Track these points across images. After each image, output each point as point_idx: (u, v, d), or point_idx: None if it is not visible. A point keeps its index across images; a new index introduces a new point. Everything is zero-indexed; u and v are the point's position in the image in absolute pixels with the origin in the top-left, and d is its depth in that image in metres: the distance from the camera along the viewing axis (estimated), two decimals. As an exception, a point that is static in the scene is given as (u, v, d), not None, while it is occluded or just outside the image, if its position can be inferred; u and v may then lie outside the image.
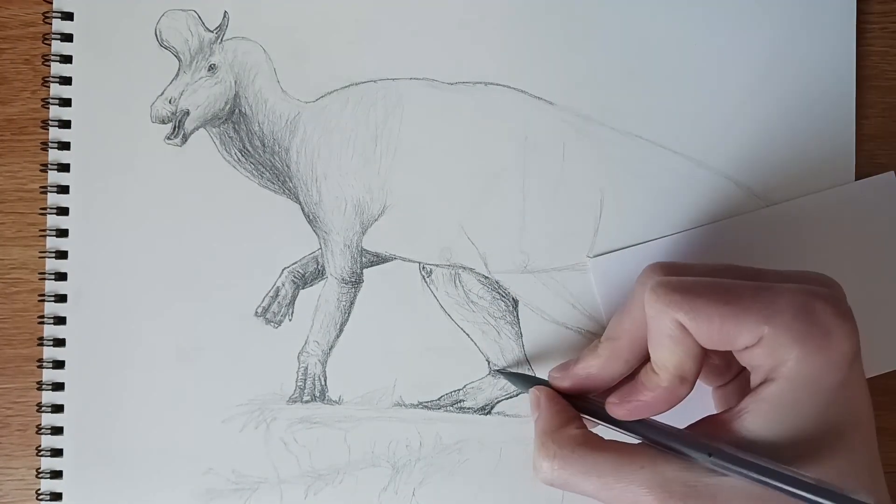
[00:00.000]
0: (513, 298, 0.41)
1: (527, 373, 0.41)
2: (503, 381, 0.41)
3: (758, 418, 0.30)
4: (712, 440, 0.30)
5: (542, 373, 0.41)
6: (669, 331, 0.31)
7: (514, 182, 0.41)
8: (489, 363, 0.41)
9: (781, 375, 0.30)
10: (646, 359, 0.33)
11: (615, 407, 0.33)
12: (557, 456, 0.33)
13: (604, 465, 0.32)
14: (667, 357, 0.31)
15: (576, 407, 0.35)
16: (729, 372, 0.36)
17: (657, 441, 0.32)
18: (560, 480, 0.33)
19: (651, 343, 0.32)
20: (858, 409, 0.31)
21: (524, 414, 0.41)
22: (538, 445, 0.34)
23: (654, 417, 0.33)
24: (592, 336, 0.41)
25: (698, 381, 0.32)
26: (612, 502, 0.32)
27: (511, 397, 0.41)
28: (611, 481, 0.31)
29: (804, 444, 0.30)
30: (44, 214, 0.42)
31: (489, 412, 0.41)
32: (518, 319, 0.41)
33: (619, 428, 0.33)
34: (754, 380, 0.31)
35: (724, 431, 0.31)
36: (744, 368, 0.33)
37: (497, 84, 0.41)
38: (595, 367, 0.34)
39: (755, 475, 0.29)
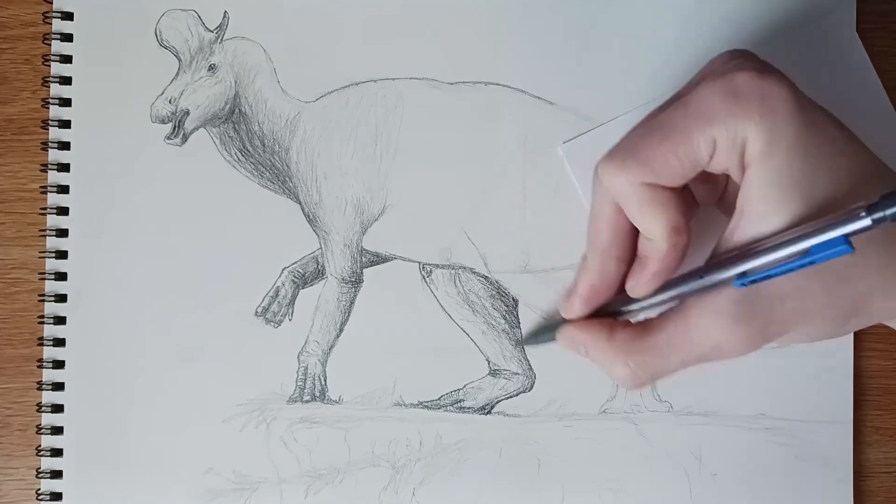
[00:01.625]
0: (513, 298, 0.41)
1: (539, 326, 0.39)
2: (503, 381, 0.41)
3: (755, 209, 0.30)
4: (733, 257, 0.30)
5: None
6: (639, 196, 0.30)
7: (514, 182, 0.41)
8: (489, 363, 0.41)
9: (751, 159, 0.29)
10: (634, 245, 0.33)
11: (636, 289, 0.33)
12: (628, 360, 0.32)
13: (669, 337, 0.31)
14: (652, 222, 0.31)
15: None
16: (718, 185, 0.36)
17: (687, 292, 0.32)
18: (646, 376, 0.32)
19: (633, 220, 0.31)
20: (842, 149, 0.30)
21: (525, 414, 0.41)
22: (608, 365, 0.33)
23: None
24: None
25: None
26: (699, 361, 0.31)
27: (511, 397, 0.41)
28: (688, 345, 0.31)
29: (814, 207, 0.29)
30: (44, 214, 0.42)
31: (489, 412, 0.41)
32: (518, 319, 0.41)
33: (655, 304, 0.33)
34: (737, 177, 0.31)
35: (740, 241, 0.30)
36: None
37: (497, 84, 0.41)
38: (593, 280, 0.34)
39: (783, 248, 0.28)
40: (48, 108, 0.42)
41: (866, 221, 0.26)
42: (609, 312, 0.34)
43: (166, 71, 0.42)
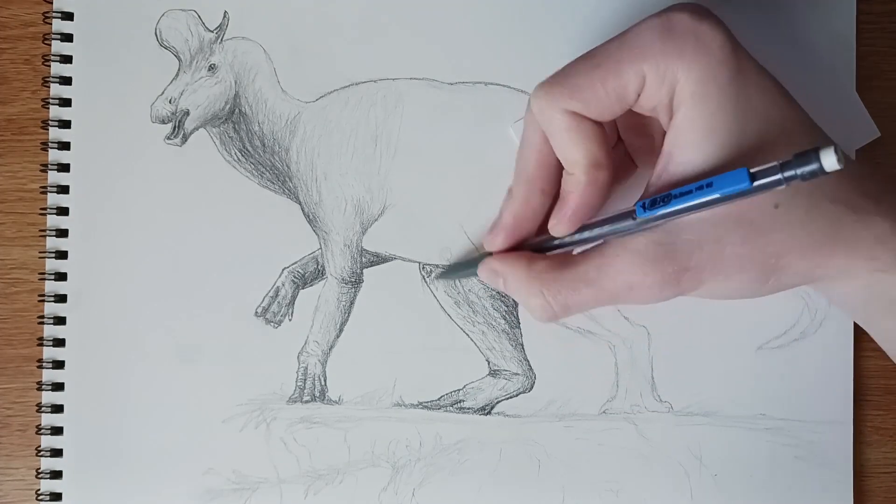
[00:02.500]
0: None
1: (460, 261, 0.40)
2: (503, 381, 0.41)
3: (683, 151, 0.30)
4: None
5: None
6: (563, 123, 0.30)
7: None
8: (489, 363, 0.41)
9: (681, 101, 0.29)
10: (559, 180, 0.33)
11: (557, 227, 0.33)
12: (542, 288, 0.32)
13: (585, 272, 0.32)
14: (573, 151, 0.31)
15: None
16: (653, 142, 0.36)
17: (607, 233, 0.32)
18: (558, 307, 0.33)
19: (556, 148, 0.32)
20: (774, 100, 0.30)
21: (525, 414, 0.41)
22: (524, 295, 0.33)
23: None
24: (593, 336, 0.41)
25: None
26: (613, 300, 0.32)
27: (511, 397, 0.41)
28: (602, 281, 0.31)
29: (741, 155, 0.29)
30: (44, 214, 0.42)
31: (489, 412, 0.41)
32: (518, 320, 0.41)
33: (576, 243, 0.33)
34: (665, 122, 0.31)
35: (665, 184, 0.30)
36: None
37: (497, 84, 0.41)
38: (517, 209, 0.34)
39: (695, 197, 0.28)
40: (48, 108, 0.42)
41: (777, 177, 0.27)
42: (532, 250, 0.35)
43: (166, 71, 0.42)
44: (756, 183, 0.27)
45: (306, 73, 0.41)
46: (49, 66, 0.42)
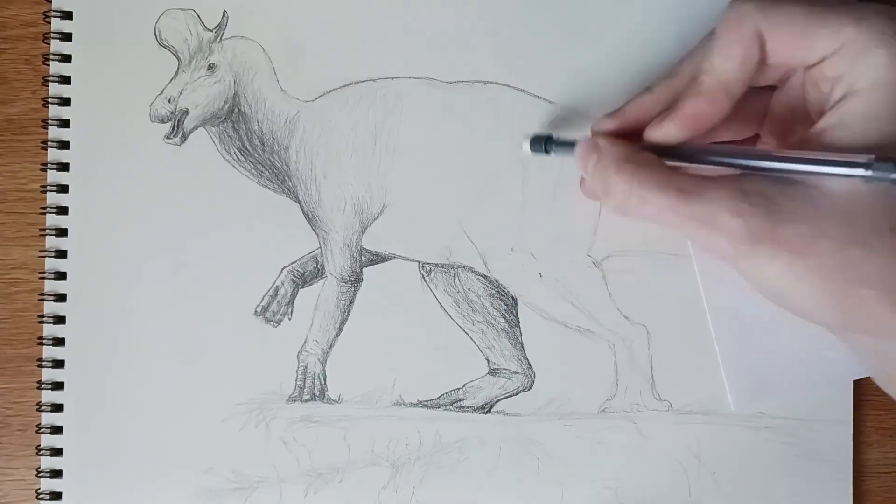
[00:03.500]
0: (512, 297, 0.41)
1: (553, 136, 0.38)
2: (502, 380, 0.41)
3: (843, 132, 0.29)
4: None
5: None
6: (742, 37, 0.30)
7: (513, 181, 0.41)
8: (489, 362, 0.41)
9: (866, 84, 0.28)
10: (742, 95, 0.32)
11: (654, 128, 0.32)
12: (635, 174, 0.31)
13: (684, 181, 0.30)
14: (724, 63, 0.30)
15: None
16: (752, 124, 0.35)
17: (711, 161, 0.31)
18: (635, 199, 0.31)
19: (711, 48, 0.31)
20: None
21: (524, 413, 0.41)
22: (611, 173, 0.32)
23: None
24: (593, 335, 0.41)
25: None
26: (687, 223, 0.30)
27: (510, 396, 0.41)
28: (692, 197, 0.30)
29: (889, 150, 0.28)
30: (44, 214, 0.42)
31: (489, 411, 0.41)
32: (518, 318, 0.41)
33: (685, 162, 0.32)
34: (833, 96, 0.30)
35: (824, 143, 0.29)
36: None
37: (496, 83, 0.41)
38: (648, 105, 0.34)
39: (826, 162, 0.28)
40: (48, 107, 0.42)
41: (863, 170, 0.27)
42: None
43: (165, 70, 0.42)
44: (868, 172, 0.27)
45: (305, 73, 0.41)
46: (48, 65, 0.42)
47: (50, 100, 0.41)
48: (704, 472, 0.40)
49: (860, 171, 0.27)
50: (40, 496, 0.41)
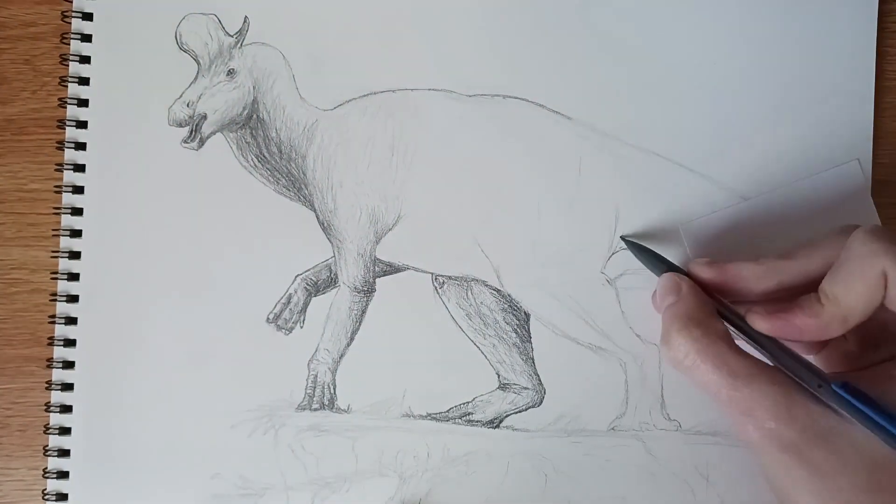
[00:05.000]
0: (525, 312, 0.41)
1: (658, 252, 0.39)
2: (512, 395, 0.41)
3: None
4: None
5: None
6: (868, 274, 0.30)
7: (529, 196, 0.41)
8: (499, 377, 0.41)
9: None
10: (800, 291, 0.33)
11: (759, 318, 0.33)
12: (698, 340, 0.32)
13: (739, 365, 0.31)
14: (846, 296, 0.31)
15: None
16: (858, 359, 0.35)
17: (786, 363, 0.32)
18: (689, 363, 0.32)
19: (837, 277, 0.31)
20: None
21: (533, 429, 0.41)
22: (679, 326, 0.33)
23: None
24: (604, 352, 0.41)
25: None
26: (726, 404, 0.31)
27: (520, 411, 0.41)
28: (740, 383, 0.31)
29: None
30: (44, 214, 0.42)
31: (497, 426, 0.41)
32: (530, 334, 0.41)
33: (751, 341, 0.33)
34: None
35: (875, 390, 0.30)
36: (868, 368, 0.33)
37: (515, 97, 0.41)
38: (749, 274, 0.34)
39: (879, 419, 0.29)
40: (65, 107, 0.42)
41: None
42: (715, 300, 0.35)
43: (185, 74, 0.42)
44: None
45: (325, 81, 0.41)
46: (67, 65, 0.42)
47: (68, 100, 0.41)
48: (712, 494, 0.40)
49: None
50: (46, 497, 0.41)
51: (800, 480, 0.30)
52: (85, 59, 0.42)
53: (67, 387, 0.41)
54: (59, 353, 0.41)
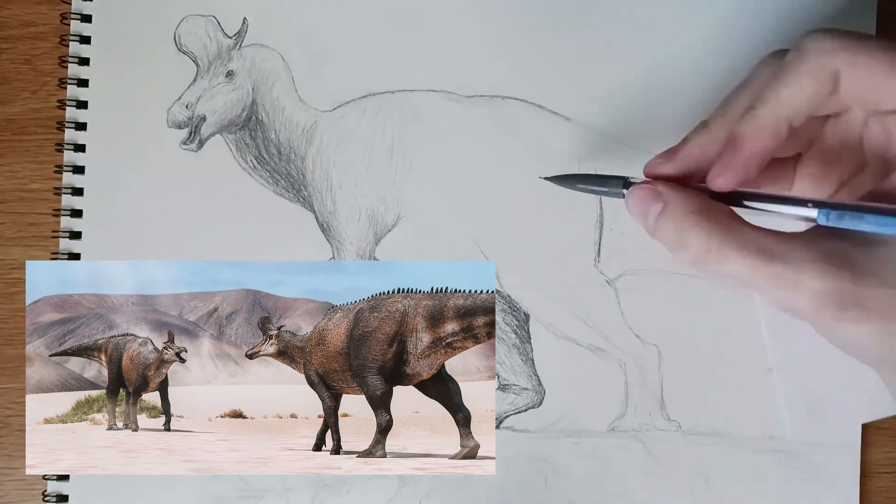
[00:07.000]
0: (524, 313, 0.41)
1: (589, 173, 0.36)
2: (512, 396, 0.41)
3: None
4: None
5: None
6: (818, 73, 0.29)
7: (528, 197, 0.41)
8: (499, 377, 0.41)
9: None
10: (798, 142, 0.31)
11: (714, 176, 0.31)
12: (715, 230, 0.30)
13: (765, 240, 0.29)
14: (792, 95, 0.29)
15: None
16: (825, 184, 0.34)
17: (779, 211, 0.30)
18: (715, 256, 0.30)
19: (783, 82, 0.30)
20: None
21: (533, 429, 0.41)
22: (685, 227, 0.30)
23: None
24: (604, 353, 0.41)
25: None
26: (767, 283, 0.29)
27: (520, 412, 0.41)
28: (773, 256, 0.29)
29: None
30: (44, 214, 0.42)
31: (498, 427, 0.41)
32: (529, 335, 0.41)
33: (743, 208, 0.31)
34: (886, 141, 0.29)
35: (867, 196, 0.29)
36: (840, 186, 0.32)
37: (514, 98, 0.41)
38: (705, 144, 0.32)
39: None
40: (64, 109, 0.42)
41: None
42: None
43: (184, 76, 0.42)
44: None
45: (324, 83, 0.41)
46: (66, 67, 0.42)
47: (67, 102, 0.41)
48: (711, 494, 0.40)
49: None
50: (46, 498, 0.41)
51: (868, 330, 0.28)
52: (84, 61, 0.42)
53: (67, 389, 0.41)
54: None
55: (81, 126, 0.41)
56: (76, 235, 0.41)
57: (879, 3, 0.41)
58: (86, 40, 0.42)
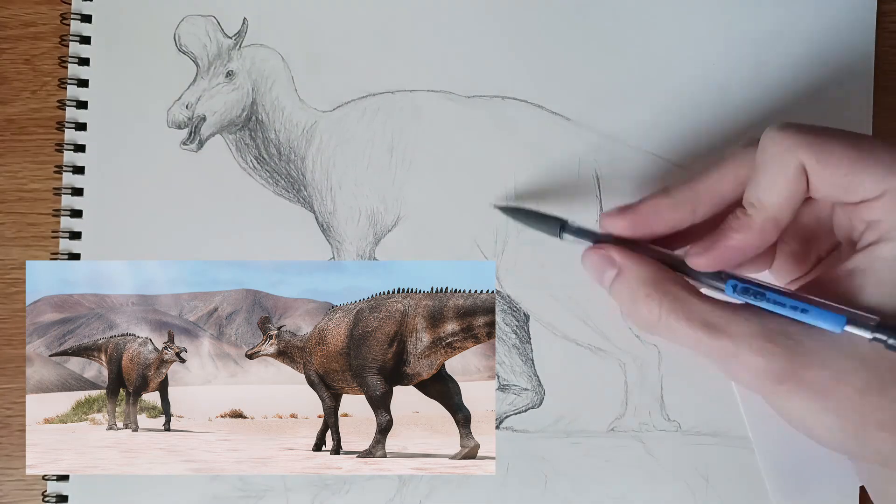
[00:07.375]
0: (524, 313, 0.41)
1: (540, 211, 0.37)
2: (512, 396, 0.41)
3: (872, 279, 0.29)
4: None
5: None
6: (787, 171, 0.30)
7: (528, 197, 0.41)
8: (499, 378, 0.41)
9: None
10: (715, 213, 0.33)
11: (697, 257, 0.32)
12: (665, 301, 0.31)
13: (712, 313, 0.31)
14: (770, 197, 0.30)
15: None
16: (806, 257, 0.35)
17: (748, 291, 0.31)
18: (664, 326, 0.32)
19: (757, 182, 0.31)
20: None
21: (533, 430, 0.41)
22: (638, 296, 0.32)
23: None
24: (604, 353, 0.41)
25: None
26: (710, 354, 0.31)
27: (520, 413, 0.41)
28: (717, 331, 0.30)
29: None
30: (44, 214, 0.42)
31: (497, 427, 0.41)
32: (529, 335, 0.41)
33: (701, 283, 0.33)
34: (866, 238, 0.30)
35: (830, 292, 0.30)
36: (818, 262, 0.34)
37: (514, 98, 0.41)
38: (663, 208, 0.33)
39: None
40: (64, 109, 0.42)
41: (867, 333, 0.29)
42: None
43: (184, 76, 0.42)
44: (846, 328, 0.29)
45: (324, 83, 0.41)
46: (66, 67, 0.42)
47: (67, 102, 0.41)
48: (712, 494, 0.40)
49: (866, 333, 0.29)
50: (46, 498, 0.41)
51: (805, 406, 0.30)
52: (84, 62, 0.42)
53: (67, 389, 0.41)
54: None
55: (81, 126, 0.41)
56: (76, 235, 0.41)
57: (879, 3, 0.41)
58: (86, 40, 0.42)
